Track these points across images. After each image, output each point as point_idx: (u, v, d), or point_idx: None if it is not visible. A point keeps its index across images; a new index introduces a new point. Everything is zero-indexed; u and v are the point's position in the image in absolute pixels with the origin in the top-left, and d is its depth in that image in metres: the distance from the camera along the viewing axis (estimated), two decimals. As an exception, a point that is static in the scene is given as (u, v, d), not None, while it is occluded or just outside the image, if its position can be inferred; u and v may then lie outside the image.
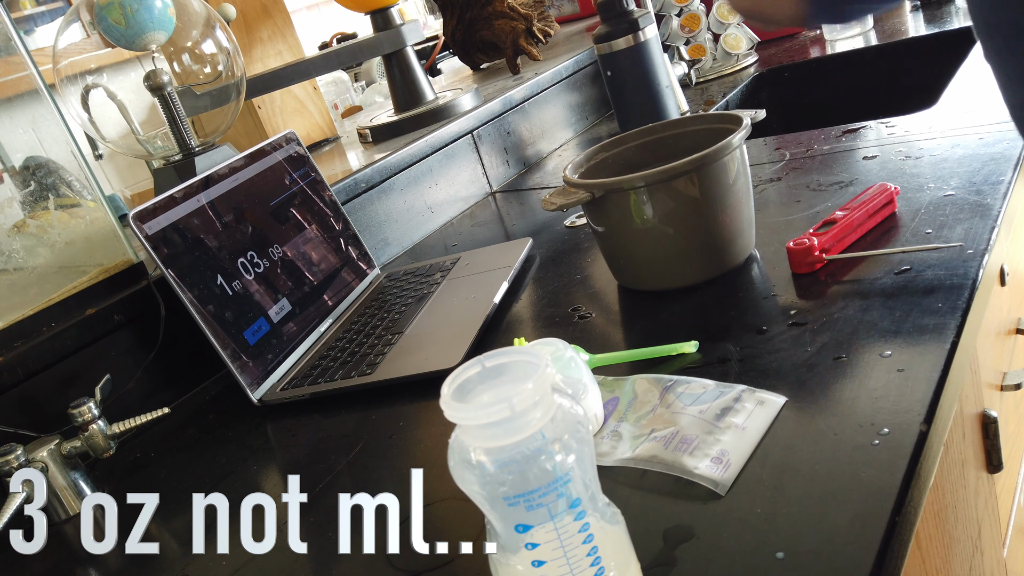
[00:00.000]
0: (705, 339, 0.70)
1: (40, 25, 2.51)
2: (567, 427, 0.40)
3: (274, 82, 1.39)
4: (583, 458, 0.40)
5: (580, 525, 0.40)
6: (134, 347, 0.95)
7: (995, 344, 0.83)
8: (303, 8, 4.22)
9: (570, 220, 1.13)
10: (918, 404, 0.53)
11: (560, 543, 0.40)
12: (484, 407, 0.38)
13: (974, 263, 0.68)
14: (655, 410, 0.62)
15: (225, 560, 0.64)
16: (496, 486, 0.39)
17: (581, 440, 0.40)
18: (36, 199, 1.02)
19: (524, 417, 0.38)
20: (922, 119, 1.09)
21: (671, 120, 0.91)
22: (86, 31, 1.08)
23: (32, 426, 0.84)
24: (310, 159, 1.10)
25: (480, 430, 0.39)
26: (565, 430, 0.39)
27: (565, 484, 0.39)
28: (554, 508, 0.39)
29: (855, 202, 0.81)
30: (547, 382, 0.39)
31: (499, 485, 0.39)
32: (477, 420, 0.38)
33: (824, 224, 0.78)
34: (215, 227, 0.92)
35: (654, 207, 0.77)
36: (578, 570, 0.40)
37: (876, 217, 0.80)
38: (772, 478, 0.52)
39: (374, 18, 1.46)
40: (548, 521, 0.39)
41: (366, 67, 3.03)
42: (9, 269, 0.98)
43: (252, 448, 0.81)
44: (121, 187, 2.03)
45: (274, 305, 0.94)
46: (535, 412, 0.39)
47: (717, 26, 1.72)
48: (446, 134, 1.37)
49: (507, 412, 0.38)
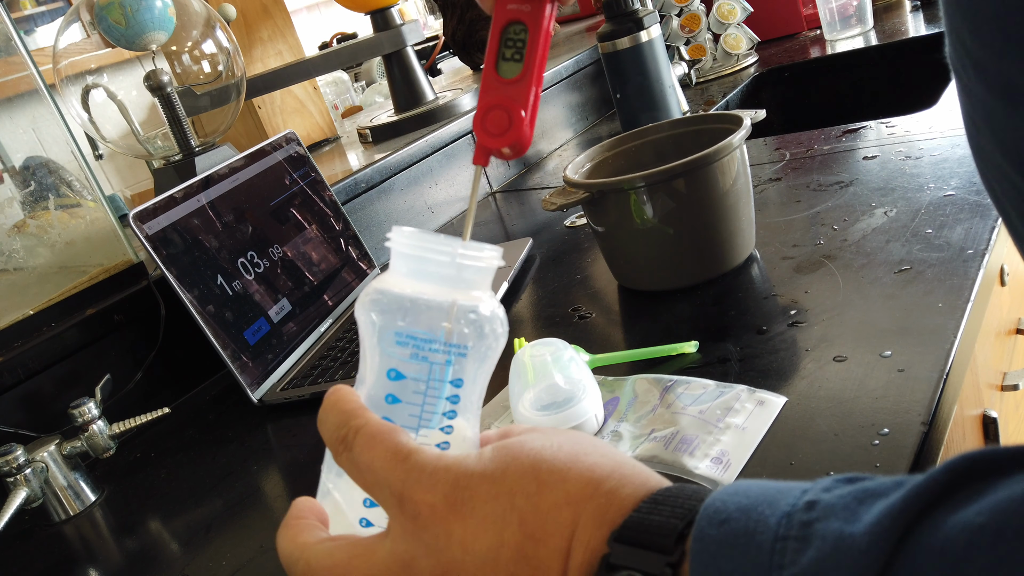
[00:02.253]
0: (705, 339, 0.70)
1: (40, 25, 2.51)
2: (486, 327, 0.37)
3: (274, 82, 1.39)
4: (482, 363, 0.38)
5: (450, 399, 0.38)
6: (134, 347, 0.95)
7: (995, 344, 0.83)
8: (303, 8, 4.22)
9: (570, 220, 1.13)
10: (918, 404, 0.53)
11: (423, 396, 0.37)
12: (430, 236, 0.36)
13: (974, 263, 0.68)
14: (655, 410, 0.62)
15: (225, 560, 0.64)
16: (395, 315, 0.36)
17: (488, 347, 0.38)
18: (36, 199, 1.02)
19: (461, 273, 0.37)
20: (922, 119, 1.09)
21: (671, 120, 0.91)
22: (86, 31, 1.08)
23: (32, 426, 0.84)
24: (310, 159, 1.10)
25: (413, 263, 0.37)
26: (483, 329, 0.37)
27: (459, 355, 0.37)
28: (436, 373, 0.37)
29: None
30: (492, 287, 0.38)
31: (401, 315, 0.36)
32: (417, 248, 0.36)
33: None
34: (215, 227, 0.92)
35: (654, 207, 0.77)
36: (428, 413, 0.38)
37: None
38: (772, 478, 0.52)
39: (374, 18, 1.46)
40: (422, 383, 0.37)
41: (366, 67, 3.03)
42: (9, 269, 0.98)
43: (252, 448, 0.81)
44: (121, 187, 2.04)
45: (274, 305, 0.94)
46: (477, 279, 0.37)
47: (717, 26, 1.72)
48: (446, 134, 1.37)
49: (446, 258, 0.36)
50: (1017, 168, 0.25)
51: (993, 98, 0.25)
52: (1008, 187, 0.26)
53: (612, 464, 0.34)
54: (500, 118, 0.38)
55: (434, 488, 0.33)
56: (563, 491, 0.32)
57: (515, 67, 0.38)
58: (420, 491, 0.33)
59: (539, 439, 0.35)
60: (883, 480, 0.27)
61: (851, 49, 1.64)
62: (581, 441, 0.35)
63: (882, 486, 0.26)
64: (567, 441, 0.35)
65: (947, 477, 0.25)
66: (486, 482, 0.33)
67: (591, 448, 0.35)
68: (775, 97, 1.70)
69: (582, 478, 0.33)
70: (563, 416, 0.60)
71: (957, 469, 0.25)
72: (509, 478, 0.33)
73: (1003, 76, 0.24)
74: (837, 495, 0.27)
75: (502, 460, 0.34)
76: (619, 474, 0.33)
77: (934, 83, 1.42)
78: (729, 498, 0.29)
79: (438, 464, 0.34)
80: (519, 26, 0.38)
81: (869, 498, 0.26)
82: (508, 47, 0.38)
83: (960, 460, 0.25)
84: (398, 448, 0.35)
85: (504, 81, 0.38)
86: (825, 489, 0.28)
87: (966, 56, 0.25)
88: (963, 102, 0.27)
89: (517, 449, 0.34)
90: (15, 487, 0.74)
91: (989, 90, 0.25)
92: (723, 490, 0.30)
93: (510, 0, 0.38)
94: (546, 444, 0.35)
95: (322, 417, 0.39)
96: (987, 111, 0.25)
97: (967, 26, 0.24)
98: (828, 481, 0.28)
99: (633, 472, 0.34)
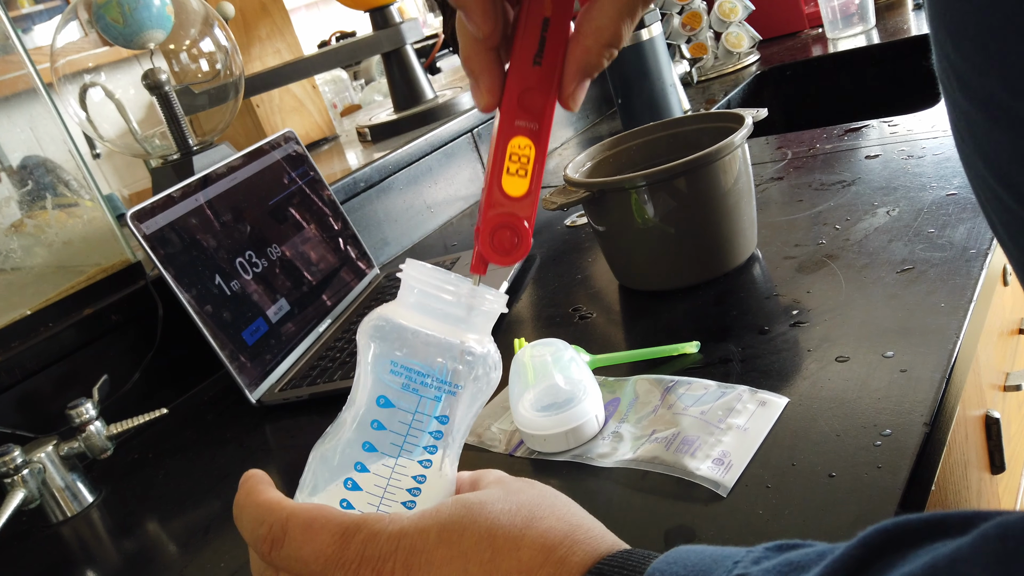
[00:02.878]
0: (706, 339, 0.70)
1: (38, 24, 2.51)
2: (482, 369, 0.38)
3: (273, 80, 1.39)
4: (470, 405, 0.39)
5: (432, 435, 0.38)
6: (132, 347, 0.94)
7: (998, 344, 0.83)
8: (302, 6, 4.21)
9: (571, 219, 1.13)
10: (920, 405, 0.53)
11: (408, 427, 0.38)
12: (441, 274, 0.37)
13: (977, 263, 0.68)
14: (656, 411, 0.61)
15: (223, 562, 0.63)
16: (394, 344, 0.37)
17: (479, 390, 0.39)
18: (34, 198, 1.02)
19: (466, 314, 0.37)
20: (925, 118, 1.08)
21: (672, 119, 0.91)
22: (84, 30, 1.08)
23: (30, 427, 0.84)
24: (309, 158, 1.10)
25: (421, 297, 0.37)
26: (479, 370, 0.38)
27: (449, 393, 0.38)
28: (425, 407, 0.38)
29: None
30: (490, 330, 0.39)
31: (399, 345, 0.37)
32: (427, 284, 0.37)
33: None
34: (213, 226, 0.92)
35: (655, 206, 0.77)
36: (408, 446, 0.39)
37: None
38: (774, 479, 0.51)
39: (373, 16, 1.46)
40: (409, 414, 0.38)
41: (365, 65, 3.03)
42: (7, 269, 0.97)
43: (250, 449, 0.80)
44: (119, 186, 2.03)
45: (272, 305, 0.94)
46: (479, 322, 0.38)
47: (719, 24, 1.72)
48: (446, 133, 1.36)
49: (452, 298, 0.37)
50: (998, 180, 0.25)
51: (975, 110, 0.25)
52: (991, 196, 0.26)
53: (565, 529, 0.35)
54: (508, 237, 0.38)
55: (394, 555, 0.34)
56: (516, 559, 0.34)
57: (521, 183, 0.38)
58: (378, 562, 0.34)
59: (499, 502, 0.36)
60: (808, 551, 0.28)
61: (853, 48, 1.63)
62: (540, 503, 0.37)
63: (806, 558, 0.28)
64: (526, 503, 0.36)
65: (861, 552, 0.26)
66: (442, 546, 0.34)
67: (548, 511, 0.36)
68: (777, 96, 1.69)
69: (534, 545, 0.34)
70: (563, 417, 0.60)
71: (871, 543, 0.26)
72: (465, 542, 0.34)
73: (984, 91, 0.24)
74: (763, 569, 0.28)
75: (459, 522, 0.35)
76: (571, 540, 0.34)
77: (936, 82, 1.41)
78: (668, 568, 0.31)
79: (392, 530, 0.35)
80: (525, 141, 0.38)
81: (792, 572, 0.27)
82: (514, 162, 0.38)
83: (873, 533, 0.26)
84: (343, 528, 0.35)
85: (509, 197, 0.38)
86: (755, 561, 0.29)
87: (950, 68, 0.26)
88: (949, 112, 0.28)
89: (477, 510, 0.35)
90: (12, 488, 0.73)
91: (971, 103, 0.25)
92: (664, 558, 0.32)
93: (518, 116, 0.37)
94: (504, 508, 0.36)
95: (237, 514, 0.38)
96: (970, 122, 0.26)
97: (950, 41, 0.25)
98: (759, 551, 0.30)
99: (586, 538, 0.35)
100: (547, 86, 0.37)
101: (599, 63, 0.36)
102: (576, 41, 0.36)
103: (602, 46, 0.35)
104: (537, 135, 0.38)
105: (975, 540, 0.23)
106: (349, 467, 0.39)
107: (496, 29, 0.35)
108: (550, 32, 0.36)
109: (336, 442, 0.39)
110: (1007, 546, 0.22)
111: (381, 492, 0.39)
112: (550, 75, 0.37)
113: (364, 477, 0.39)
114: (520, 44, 0.37)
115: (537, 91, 0.37)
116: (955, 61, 0.25)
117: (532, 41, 0.36)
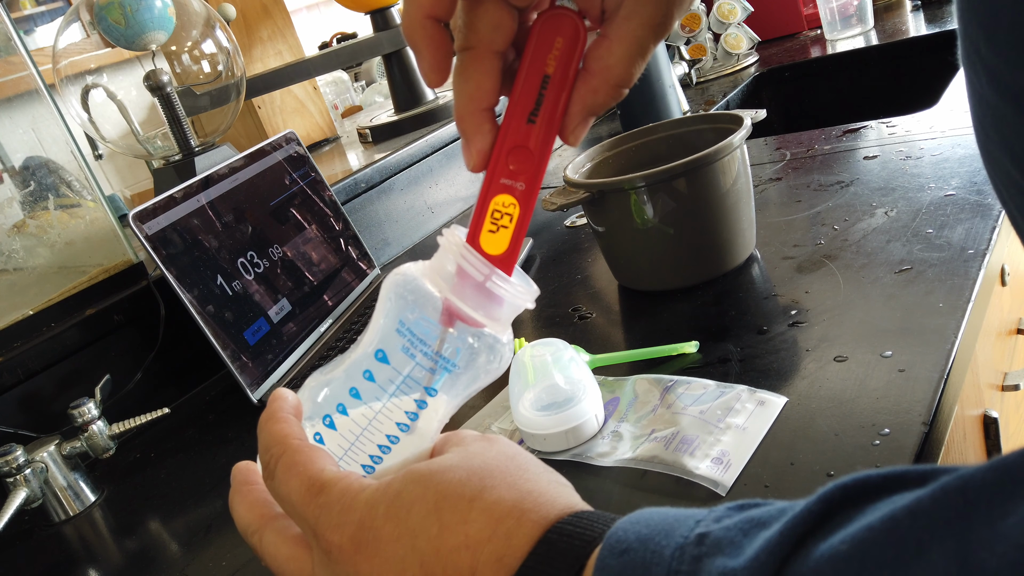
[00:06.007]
0: (706, 339, 0.70)
1: (40, 25, 2.51)
2: (482, 351, 0.38)
3: (274, 82, 1.39)
4: (466, 386, 0.39)
5: (417, 403, 0.38)
6: (134, 347, 0.95)
7: (996, 344, 0.83)
8: (303, 8, 4.22)
9: (570, 220, 1.13)
10: (919, 404, 0.53)
11: (395, 386, 0.38)
12: (474, 255, 0.36)
13: (975, 263, 0.68)
14: (656, 410, 0.62)
15: (225, 561, 0.64)
16: (409, 306, 0.37)
17: (476, 375, 0.38)
18: (36, 199, 1.02)
19: (489, 304, 0.37)
20: (923, 119, 1.09)
21: (672, 120, 0.91)
22: (86, 31, 1.08)
23: (32, 426, 0.84)
24: (310, 159, 1.10)
25: (452, 267, 0.37)
26: (480, 352, 0.38)
27: (444, 369, 0.37)
28: (416, 373, 0.37)
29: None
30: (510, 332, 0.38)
31: (413, 308, 0.37)
32: (464, 259, 0.36)
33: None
34: (215, 227, 0.92)
35: (655, 207, 0.77)
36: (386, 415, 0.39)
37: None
38: (773, 479, 0.52)
39: (374, 18, 1.46)
40: (400, 375, 0.38)
41: (366, 67, 3.03)
42: (9, 269, 0.98)
43: (252, 449, 0.80)
44: (121, 187, 2.03)
45: (274, 305, 0.94)
46: (500, 309, 0.37)
47: (718, 26, 1.72)
48: (446, 134, 1.36)
49: (482, 279, 0.36)
50: None
51: (1005, 105, 0.25)
52: (1015, 192, 0.26)
53: (515, 497, 0.34)
54: (482, 294, 0.37)
55: (341, 528, 0.35)
56: (463, 534, 0.33)
57: (501, 242, 0.36)
58: (328, 531, 0.35)
59: (451, 471, 0.35)
60: (770, 508, 0.28)
61: (852, 49, 1.64)
62: (493, 469, 0.35)
63: (767, 515, 0.27)
64: (478, 469, 0.35)
65: (821, 507, 0.25)
66: (390, 522, 0.34)
67: (499, 478, 0.35)
68: (775, 97, 1.70)
69: (481, 518, 0.33)
70: (563, 416, 0.60)
71: (831, 498, 0.25)
72: (412, 518, 0.34)
73: (1017, 86, 0.24)
74: (725, 527, 0.28)
75: (407, 497, 0.35)
76: (519, 511, 0.33)
77: (935, 83, 1.42)
78: (631, 527, 0.30)
79: (344, 502, 0.35)
80: (509, 200, 0.36)
81: (754, 529, 0.27)
82: (496, 220, 0.36)
83: (833, 488, 0.26)
84: (312, 483, 0.36)
85: (487, 255, 0.36)
86: (716, 519, 0.28)
87: (979, 63, 0.25)
88: (973, 107, 0.27)
89: (426, 482, 0.35)
90: (15, 487, 0.73)
91: (1002, 98, 0.25)
92: (627, 518, 0.31)
93: (505, 174, 0.36)
94: (454, 478, 0.35)
95: (259, 430, 0.41)
96: (998, 118, 0.25)
97: (982, 34, 0.24)
98: (721, 510, 0.29)
99: (535, 506, 0.33)
100: (540, 146, 0.35)
101: (606, 103, 0.34)
102: (583, 79, 0.34)
103: (611, 87, 0.34)
104: (523, 195, 0.36)
105: (935, 492, 0.22)
106: (332, 405, 0.39)
107: (444, 81, 0.34)
108: (549, 90, 0.34)
109: (330, 377, 0.40)
110: (967, 498, 0.22)
111: (352, 439, 0.39)
112: (545, 135, 0.35)
113: (342, 419, 0.39)
114: (516, 99, 0.35)
115: (528, 150, 0.35)
116: (987, 56, 0.25)
117: (529, 98, 0.35)
